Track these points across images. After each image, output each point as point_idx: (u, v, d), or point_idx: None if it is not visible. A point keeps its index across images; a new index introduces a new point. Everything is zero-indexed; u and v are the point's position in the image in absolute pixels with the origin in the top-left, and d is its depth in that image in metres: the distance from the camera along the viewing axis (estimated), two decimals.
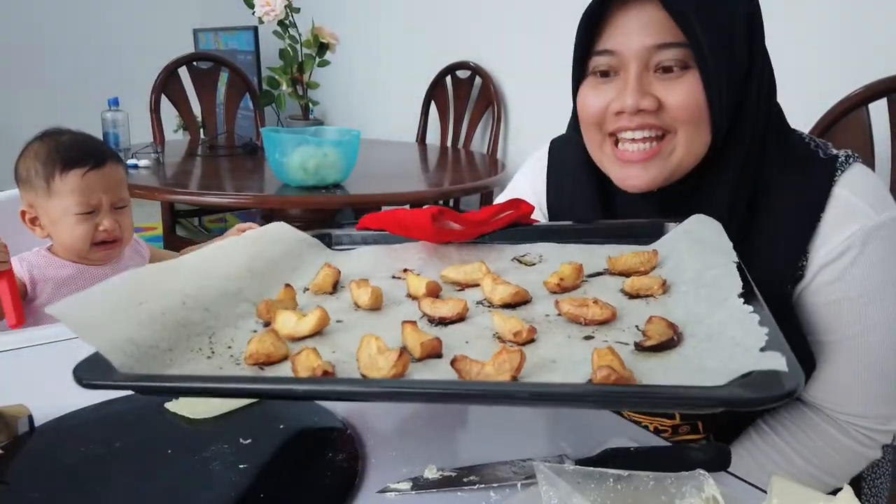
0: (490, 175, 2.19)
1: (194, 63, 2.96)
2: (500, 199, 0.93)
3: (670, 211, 0.76)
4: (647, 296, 0.61)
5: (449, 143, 2.85)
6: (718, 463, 0.57)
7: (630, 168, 0.75)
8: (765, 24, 0.78)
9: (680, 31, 0.70)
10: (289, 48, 2.53)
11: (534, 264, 0.71)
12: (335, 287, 0.67)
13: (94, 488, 0.56)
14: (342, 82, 3.41)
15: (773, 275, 0.75)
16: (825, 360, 0.78)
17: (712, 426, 0.83)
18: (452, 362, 0.48)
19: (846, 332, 0.76)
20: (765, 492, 0.51)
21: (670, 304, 0.59)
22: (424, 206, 0.75)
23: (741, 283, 0.53)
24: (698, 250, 0.63)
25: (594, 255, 0.71)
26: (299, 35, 2.53)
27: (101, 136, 2.23)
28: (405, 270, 0.70)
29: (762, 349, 0.43)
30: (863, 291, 0.75)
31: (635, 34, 0.71)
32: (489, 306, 0.61)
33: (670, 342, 0.50)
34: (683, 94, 0.71)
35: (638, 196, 0.77)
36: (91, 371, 0.47)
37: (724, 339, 0.47)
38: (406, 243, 0.76)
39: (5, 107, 4.00)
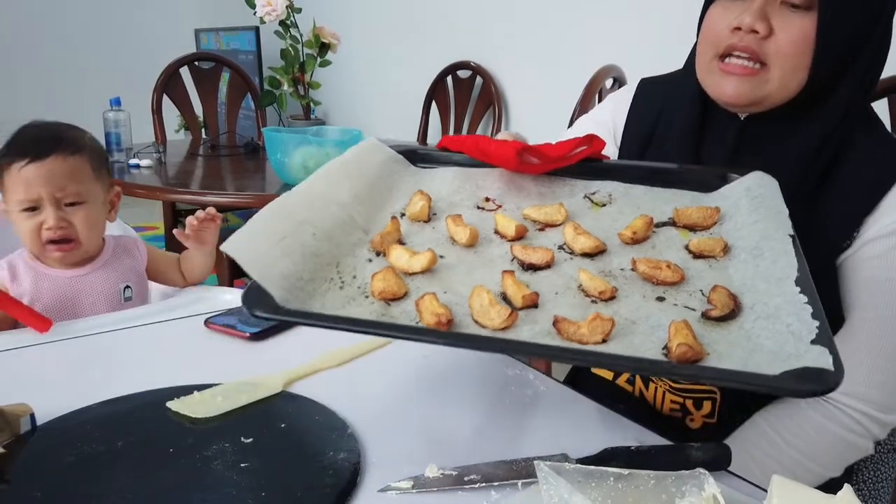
0: None
1: (196, 63, 2.96)
2: (580, 122, 0.99)
3: (753, 144, 0.81)
4: (709, 257, 0.65)
5: None
6: (719, 462, 0.57)
7: (727, 79, 0.78)
8: None
9: None
10: (290, 48, 2.53)
11: (604, 205, 0.77)
12: (429, 215, 0.75)
13: (95, 487, 0.56)
14: (343, 82, 3.41)
15: (826, 238, 0.77)
16: (845, 333, 0.79)
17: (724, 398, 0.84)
18: (554, 323, 0.56)
19: (873, 311, 0.78)
20: (765, 491, 0.51)
21: (730, 270, 0.64)
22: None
23: (796, 265, 0.59)
24: (758, 215, 0.68)
25: (659, 201, 0.76)
26: (301, 35, 2.53)
27: (102, 136, 2.23)
28: (487, 199, 0.78)
29: (812, 341, 0.50)
30: None
31: None
32: (570, 253, 0.68)
33: (732, 314, 0.57)
34: (795, 30, 0.74)
35: (725, 126, 0.82)
36: (260, 303, 0.55)
37: (780, 324, 0.54)
38: (484, 169, 0.81)
39: (6, 107, 3.99)
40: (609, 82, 1.85)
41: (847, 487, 0.49)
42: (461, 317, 0.58)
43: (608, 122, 0.97)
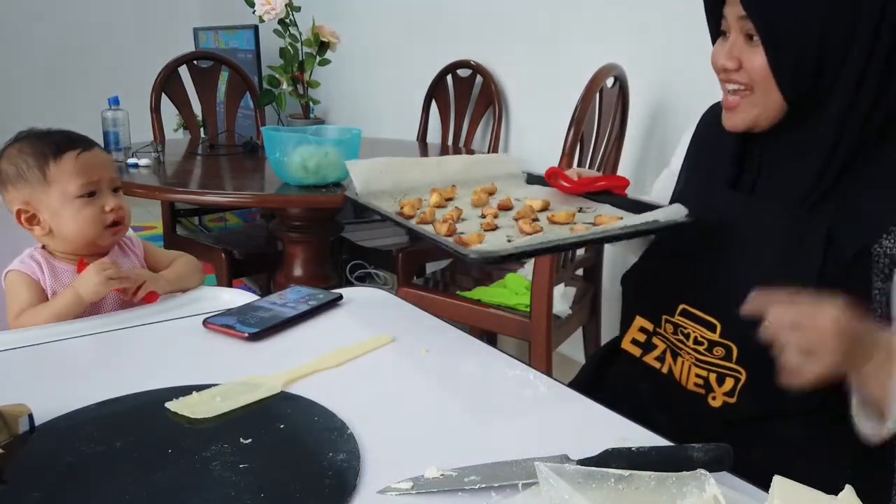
0: None
1: (195, 62, 2.95)
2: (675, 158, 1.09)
3: (775, 155, 0.89)
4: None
5: (450, 142, 2.85)
6: (720, 463, 0.56)
7: (727, 114, 0.89)
8: None
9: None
10: (289, 47, 2.53)
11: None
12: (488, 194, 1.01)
13: (93, 488, 0.56)
14: (343, 81, 3.41)
15: (860, 232, 0.80)
16: None
17: (748, 353, 0.85)
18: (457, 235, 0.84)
19: None
20: (766, 491, 0.51)
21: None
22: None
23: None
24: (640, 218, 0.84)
25: (609, 215, 0.92)
26: (300, 34, 2.52)
27: (101, 135, 2.22)
28: (527, 198, 1.00)
29: None
30: None
31: (734, 4, 0.82)
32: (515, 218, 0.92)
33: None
34: (754, 59, 0.82)
35: (755, 140, 0.91)
36: (350, 196, 0.96)
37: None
38: (545, 188, 1.06)
39: (5, 106, 3.99)
40: (609, 82, 1.84)
41: (848, 488, 0.49)
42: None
43: (682, 155, 1.06)
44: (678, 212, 0.86)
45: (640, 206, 0.94)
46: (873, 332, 0.72)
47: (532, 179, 1.11)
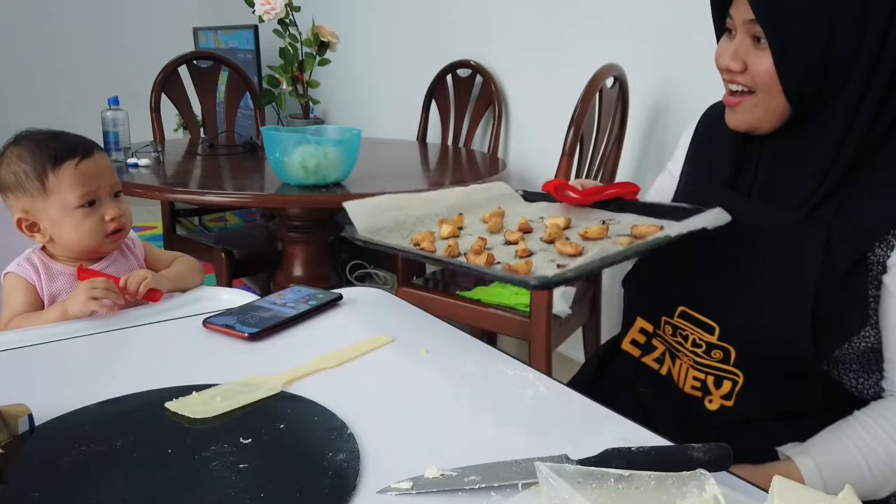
0: (491, 174, 2.19)
1: (194, 62, 2.95)
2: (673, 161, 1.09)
3: (775, 156, 0.89)
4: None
5: (450, 142, 2.84)
6: (720, 463, 0.56)
7: (729, 111, 0.89)
8: None
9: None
10: (289, 47, 2.53)
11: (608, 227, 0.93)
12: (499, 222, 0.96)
13: (94, 488, 0.56)
14: (343, 81, 3.41)
15: (856, 240, 0.80)
16: None
17: (747, 362, 0.86)
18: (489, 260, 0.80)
19: None
20: (765, 491, 0.51)
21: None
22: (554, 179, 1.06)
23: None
24: (680, 226, 0.81)
25: (642, 225, 0.90)
26: (300, 34, 2.52)
27: (101, 135, 2.22)
28: (541, 218, 0.98)
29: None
30: None
31: (741, 6, 0.81)
32: (541, 239, 0.88)
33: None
34: (760, 62, 0.82)
35: (753, 141, 0.91)
36: (352, 234, 0.88)
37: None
38: (555, 203, 1.03)
39: (5, 106, 4.00)
40: (609, 82, 1.84)
41: (848, 488, 0.49)
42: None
43: (681, 157, 1.05)
44: (722, 217, 0.84)
45: (659, 211, 0.93)
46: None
47: (530, 196, 1.07)
